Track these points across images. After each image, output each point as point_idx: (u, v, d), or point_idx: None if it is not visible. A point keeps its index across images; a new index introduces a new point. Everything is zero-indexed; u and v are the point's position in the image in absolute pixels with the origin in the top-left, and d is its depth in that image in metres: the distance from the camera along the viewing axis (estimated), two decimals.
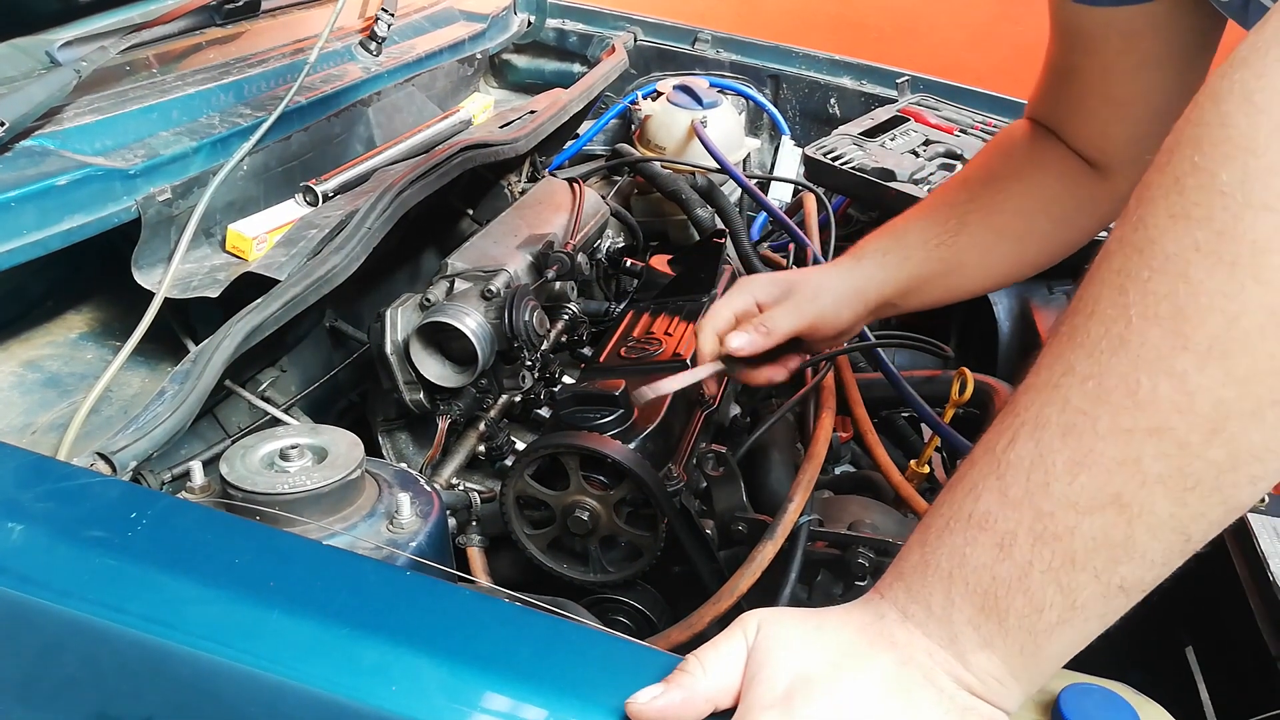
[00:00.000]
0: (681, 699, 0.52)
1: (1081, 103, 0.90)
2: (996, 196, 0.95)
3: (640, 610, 0.95)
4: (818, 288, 0.94)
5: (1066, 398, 0.47)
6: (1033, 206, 0.95)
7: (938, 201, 0.98)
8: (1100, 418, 0.45)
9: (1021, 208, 0.95)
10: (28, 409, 0.93)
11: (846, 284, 0.95)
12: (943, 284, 0.96)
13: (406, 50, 1.52)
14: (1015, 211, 0.95)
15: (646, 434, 0.93)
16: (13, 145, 0.95)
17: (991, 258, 0.96)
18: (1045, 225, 0.96)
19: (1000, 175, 0.96)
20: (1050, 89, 0.95)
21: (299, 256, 1.03)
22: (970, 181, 0.98)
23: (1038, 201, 0.95)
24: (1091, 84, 0.88)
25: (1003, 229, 0.95)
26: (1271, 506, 0.92)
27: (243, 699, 0.58)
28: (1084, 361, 0.47)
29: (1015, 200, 0.95)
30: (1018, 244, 0.97)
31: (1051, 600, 0.47)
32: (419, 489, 0.84)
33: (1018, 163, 0.96)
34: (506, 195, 1.48)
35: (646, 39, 1.97)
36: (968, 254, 0.95)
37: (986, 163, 0.99)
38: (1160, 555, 0.46)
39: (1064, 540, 0.46)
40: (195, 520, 0.69)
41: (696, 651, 0.55)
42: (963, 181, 0.99)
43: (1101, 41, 0.83)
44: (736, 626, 0.55)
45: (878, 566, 0.94)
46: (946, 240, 0.94)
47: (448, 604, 0.63)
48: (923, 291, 0.96)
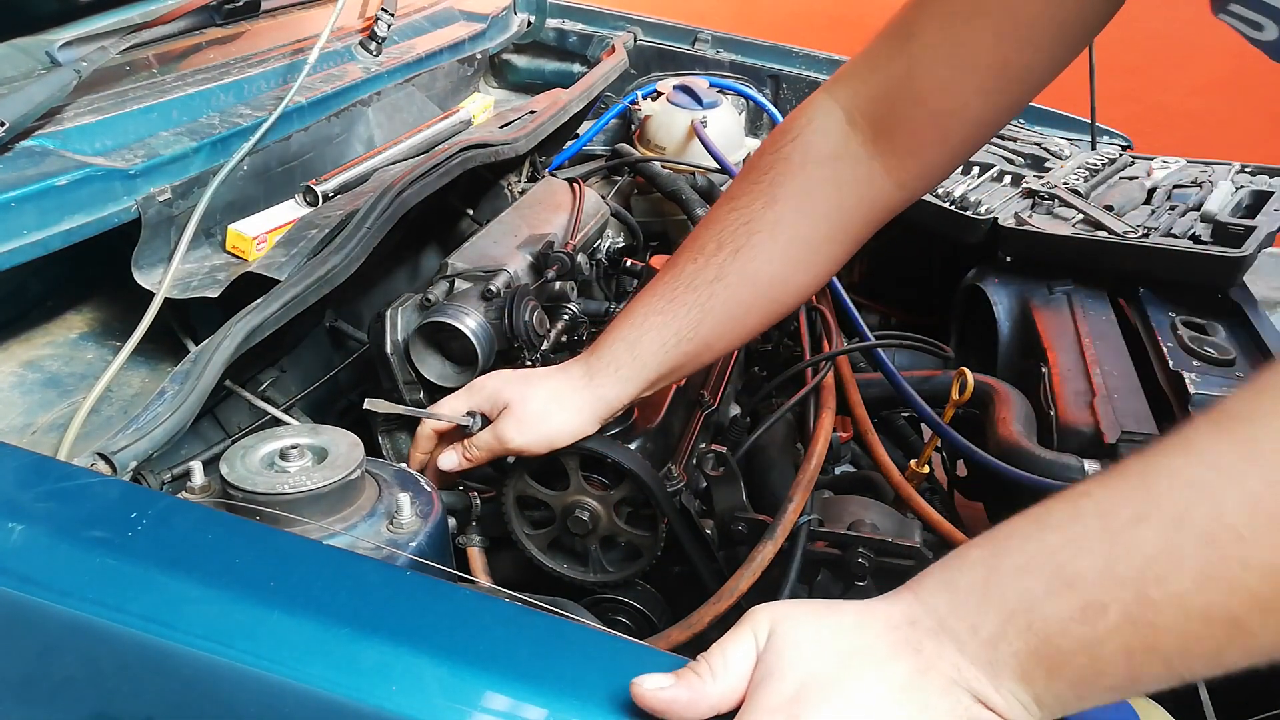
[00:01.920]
0: (687, 698, 0.52)
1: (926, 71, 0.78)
2: (749, 267, 0.83)
3: (640, 610, 0.95)
4: (543, 412, 0.87)
5: (1220, 507, 0.44)
6: (795, 254, 0.85)
7: (675, 291, 0.85)
8: (1256, 547, 0.43)
9: (779, 261, 0.84)
10: (28, 409, 0.93)
11: (579, 400, 0.87)
12: (691, 366, 0.88)
13: (406, 50, 1.52)
14: (769, 276, 0.85)
15: (646, 434, 0.93)
16: (13, 145, 0.95)
17: (747, 322, 0.88)
18: (806, 270, 0.86)
19: (750, 244, 0.83)
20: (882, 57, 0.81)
21: (299, 256, 1.03)
22: (720, 250, 0.84)
23: (801, 247, 0.84)
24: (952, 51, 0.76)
25: (754, 300, 0.86)
26: None
27: (243, 699, 0.58)
28: (1253, 475, 0.44)
29: (769, 260, 0.84)
30: (774, 300, 0.88)
31: (1115, 670, 0.46)
32: (419, 489, 0.84)
33: (772, 218, 0.83)
34: (506, 195, 1.48)
35: (646, 39, 1.97)
36: (715, 334, 0.86)
37: (732, 229, 0.84)
38: (1237, 665, 0.46)
39: (1157, 632, 0.45)
40: (195, 520, 0.69)
41: (706, 654, 0.54)
42: (713, 252, 0.84)
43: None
44: (746, 625, 0.55)
45: (878, 566, 0.94)
46: (688, 336, 0.85)
47: (448, 604, 0.63)
48: (668, 378, 0.89)
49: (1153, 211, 1.48)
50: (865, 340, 1.23)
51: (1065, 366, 1.21)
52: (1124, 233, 1.37)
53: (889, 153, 0.81)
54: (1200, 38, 3.38)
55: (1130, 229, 1.38)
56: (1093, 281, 1.40)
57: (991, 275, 1.46)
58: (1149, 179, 1.62)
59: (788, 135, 0.84)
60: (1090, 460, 1.03)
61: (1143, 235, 1.37)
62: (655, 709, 0.52)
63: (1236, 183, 1.55)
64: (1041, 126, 1.87)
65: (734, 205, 0.85)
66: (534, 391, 0.88)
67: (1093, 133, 1.80)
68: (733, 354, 1.23)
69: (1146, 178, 1.62)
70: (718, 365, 1.18)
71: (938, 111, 0.79)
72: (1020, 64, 0.76)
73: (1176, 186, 1.57)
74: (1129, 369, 1.20)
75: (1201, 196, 1.49)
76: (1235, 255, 1.30)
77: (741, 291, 0.84)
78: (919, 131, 0.80)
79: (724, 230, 0.84)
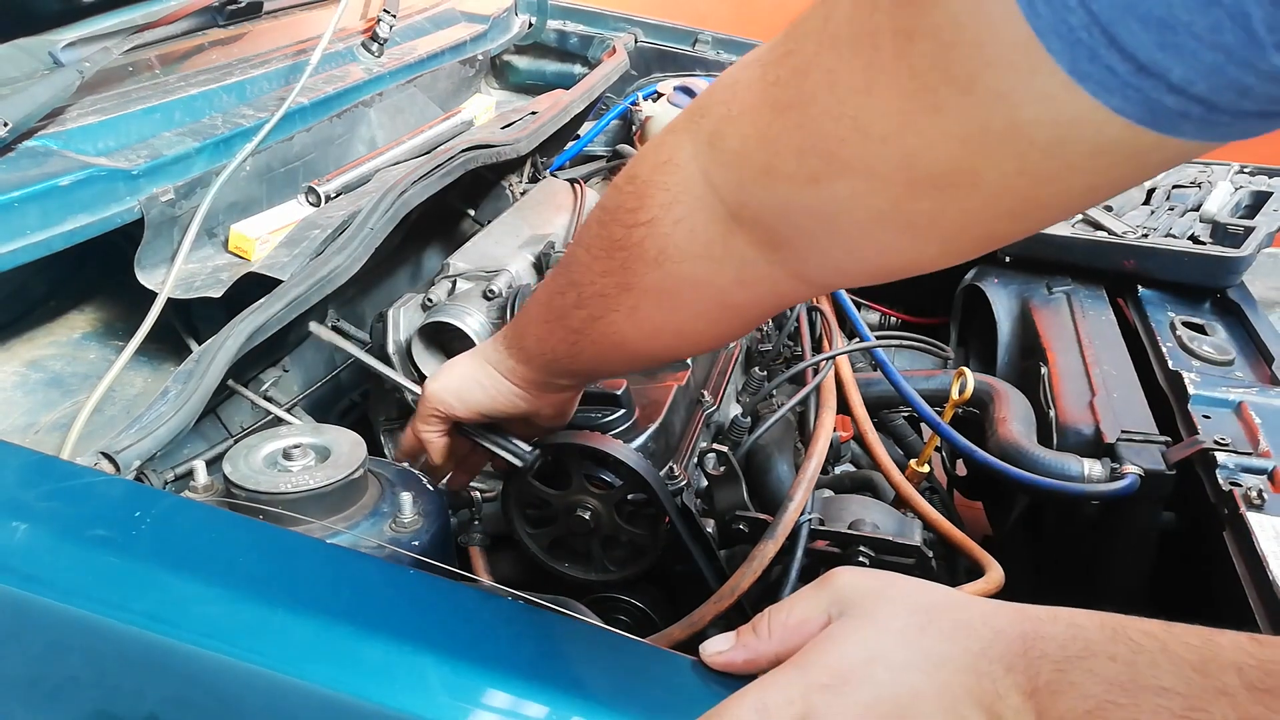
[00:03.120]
0: (744, 660, 0.54)
1: None
2: (612, 338, 0.71)
3: (642, 609, 0.96)
4: (451, 364, 0.85)
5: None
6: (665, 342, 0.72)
7: (548, 319, 0.75)
8: None
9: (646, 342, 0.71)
10: (31, 408, 0.93)
11: (483, 357, 0.83)
12: (591, 376, 0.83)
13: (408, 51, 1.52)
14: (637, 351, 0.73)
15: (648, 433, 0.94)
16: (16, 145, 0.95)
17: (630, 368, 0.83)
18: (681, 351, 0.80)
19: (608, 319, 0.69)
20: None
21: (301, 257, 1.03)
22: (581, 308, 0.71)
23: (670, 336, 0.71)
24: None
25: (628, 359, 0.76)
26: (1272, 506, 0.92)
27: (246, 697, 0.59)
28: None
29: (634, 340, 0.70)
30: (652, 362, 0.81)
31: None
32: (421, 488, 0.84)
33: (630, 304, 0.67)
34: (508, 196, 1.48)
35: (647, 40, 1.97)
36: (594, 371, 0.81)
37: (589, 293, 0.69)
38: None
39: None
40: (198, 519, 0.70)
41: (770, 610, 0.55)
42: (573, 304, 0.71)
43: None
44: (824, 592, 0.54)
45: (878, 565, 0.94)
46: (565, 364, 0.77)
47: (450, 602, 0.63)
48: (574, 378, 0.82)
49: (1152, 212, 1.49)
50: (865, 340, 1.23)
51: (1065, 366, 1.22)
52: (1123, 233, 1.37)
53: (787, 251, 0.58)
54: None
55: (1129, 229, 1.38)
56: (1092, 281, 1.40)
57: (991, 275, 1.46)
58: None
59: (638, 213, 0.63)
60: (1090, 460, 1.04)
61: (1142, 235, 1.37)
62: (718, 669, 0.55)
63: (1235, 183, 1.56)
64: None
65: (589, 264, 0.68)
66: (464, 353, 0.87)
67: None
68: (733, 353, 1.23)
69: None
70: (719, 364, 1.18)
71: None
72: None
73: (1175, 187, 1.58)
74: (1128, 369, 1.20)
75: (1200, 197, 1.50)
76: (1234, 255, 1.30)
77: (608, 353, 0.73)
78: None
79: (581, 288, 0.70)
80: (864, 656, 0.50)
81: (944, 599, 0.53)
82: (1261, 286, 1.53)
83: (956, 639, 0.50)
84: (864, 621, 0.52)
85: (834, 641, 0.52)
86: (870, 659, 0.50)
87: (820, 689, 0.50)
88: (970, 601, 0.52)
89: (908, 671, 0.49)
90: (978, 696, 0.48)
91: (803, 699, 0.50)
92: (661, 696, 0.58)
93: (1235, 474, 0.96)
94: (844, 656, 0.51)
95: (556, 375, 0.80)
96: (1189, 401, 1.08)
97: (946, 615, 0.51)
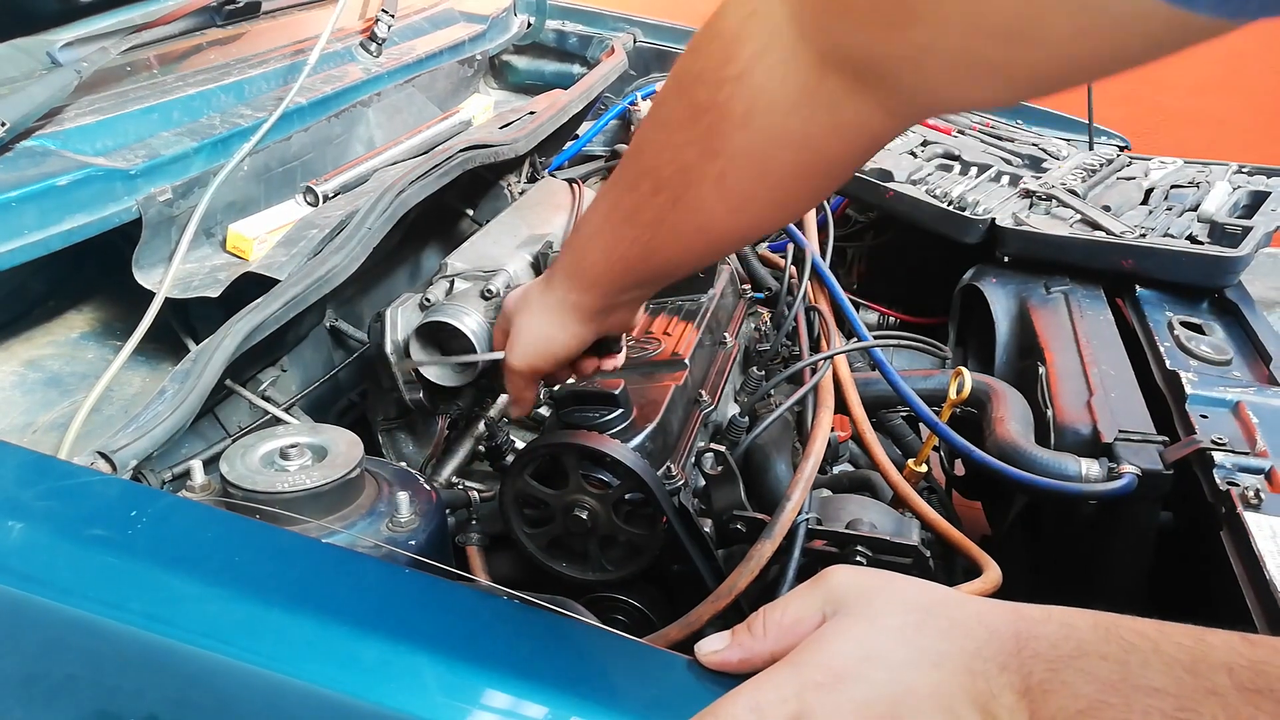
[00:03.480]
0: (739, 659, 0.54)
1: None
2: (694, 219, 0.69)
3: (639, 608, 0.96)
4: (523, 328, 0.84)
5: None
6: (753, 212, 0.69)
7: (613, 220, 0.74)
8: None
9: (732, 216, 0.69)
10: (29, 408, 0.93)
11: (545, 302, 0.82)
12: (653, 284, 0.80)
13: (406, 51, 1.52)
14: (721, 229, 0.70)
15: (646, 433, 0.94)
16: (14, 145, 0.95)
17: (705, 257, 0.77)
18: (768, 222, 0.74)
19: (691, 195, 0.67)
20: None
21: (299, 256, 1.03)
22: (658, 194, 0.69)
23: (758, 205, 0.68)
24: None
25: (707, 244, 0.73)
26: (1269, 506, 0.92)
27: (243, 697, 0.59)
28: None
29: (719, 215, 0.68)
30: (734, 244, 0.77)
31: None
32: (418, 488, 0.84)
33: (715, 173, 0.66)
34: (506, 195, 1.48)
35: (646, 40, 1.98)
36: (666, 270, 0.77)
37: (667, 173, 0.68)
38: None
39: None
40: (195, 519, 0.70)
41: (765, 609, 0.55)
42: (649, 192, 0.69)
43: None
44: (819, 591, 0.54)
45: (875, 565, 0.94)
46: (636, 266, 0.75)
47: (447, 602, 0.63)
48: (633, 292, 0.80)
49: (1150, 212, 1.49)
50: (863, 340, 1.23)
51: (1063, 366, 1.22)
52: (1121, 233, 1.38)
53: (879, 87, 0.58)
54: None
55: (1127, 229, 1.38)
56: (1090, 281, 1.40)
57: (989, 275, 1.46)
58: (1146, 179, 1.62)
59: (726, 68, 0.62)
60: (1088, 460, 1.04)
61: (1140, 235, 1.37)
62: (714, 668, 0.55)
63: (1233, 183, 1.56)
64: (1039, 127, 1.87)
65: (665, 140, 0.67)
66: (519, 310, 0.86)
67: (1090, 133, 1.81)
68: (731, 353, 1.23)
69: (1144, 178, 1.63)
70: (717, 364, 1.18)
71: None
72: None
73: (1174, 187, 1.58)
74: (1126, 368, 1.20)
75: (1199, 197, 1.50)
76: (1232, 255, 1.30)
77: (690, 239, 0.71)
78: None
79: (658, 170, 0.68)
80: (859, 655, 0.50)
81: (939, 598, 0.53)
82: (1260, 286, 1.53)
83: (951, 638, 0.50)
84: (859, 620, 0.52)
85: (829, 640, 0.52)
86: (865, 657, 0.50)
87: (815, 687, 0.50)
88: (964, 600, 0.52)
89: (903, 670, 0.49)
90: (972, 695, 0.48)
91: (797, 697, 0.50)
92: (658, 696, 0.58)
93: (1232, 474, 0.96)
94: (839, 655, 0.51)
95: (623, 291, 0.79)
96: (1186, 401, 1.08)
97: (941, 614, 0.51)
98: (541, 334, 0.83)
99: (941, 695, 0.49)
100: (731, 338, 1.25)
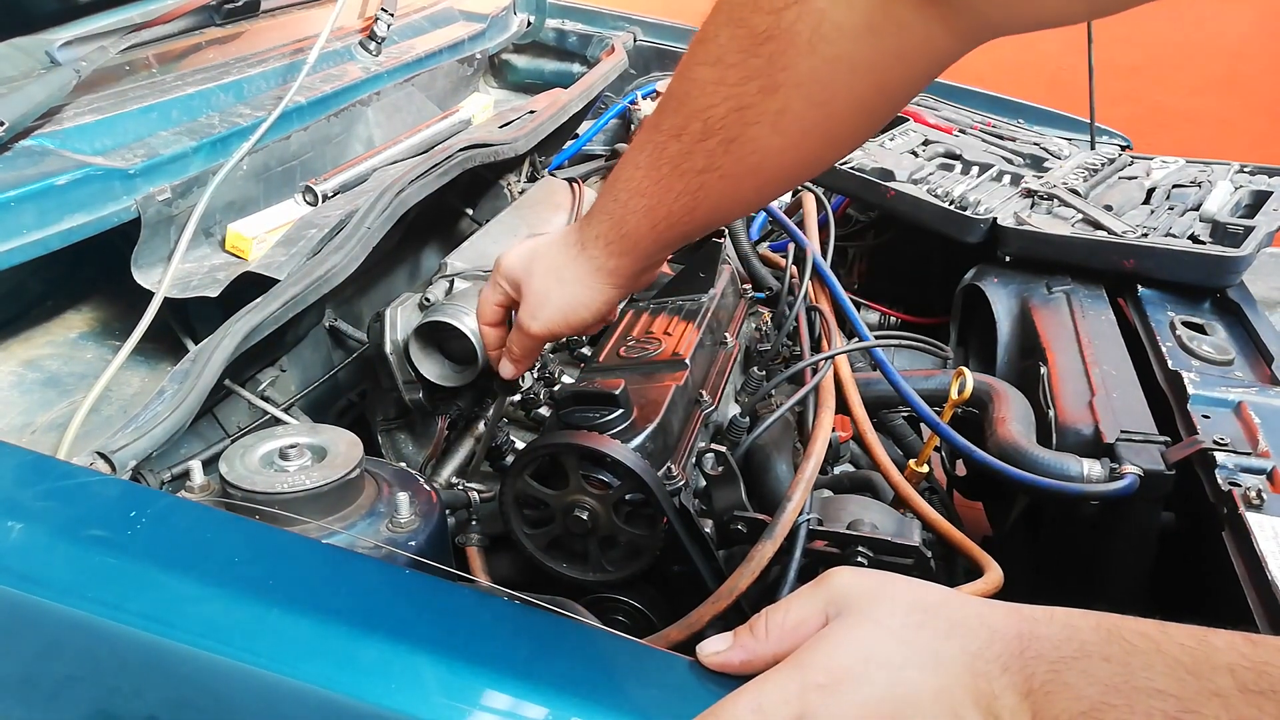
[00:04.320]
0: (741, 660, 0.54)
1: None
2: (748, 160, 0.68)
3: (639, 609, 0.95)
4: (545, 292, 0.83)
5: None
6: (810, 148, 0.68)
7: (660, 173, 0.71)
8: None
9: (788, 154, 0.67)
10: (27, 408, 0.93)
11: (576, 270, 0.81)
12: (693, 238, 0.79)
13: (406, 50, 1.52)
14: (775, 169, 0.69)
15: (646, 433, 0.93)
16: (12, 145, 0.95)
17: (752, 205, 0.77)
18: (825, 159, 0.72)
19: (746, 136, 0.66)
20: None
21: (298, 256, 1.03)
22: (709, 137, 0.67)
23: (818, 140, 0.67)
24: None
25: (758, 188, 0.72)
26: (1271, 506, 0.92)
27: (242, 697, 0.58)
28: None
29: (774, 154, 0.67)
30: (784, 185, 0.74)
31: None
32: (418, 488, 0.84)
33: (776, 108, 0.64)
34: (506, 195, 1.48)
35: (646, 39, 1.97)
36: (712, 219, 0.75)
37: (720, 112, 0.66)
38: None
39: None
40: (195, 519, 0.69)
41: (767, 611, 0.55)
42: (698, 135, 0.68)
43: None
44: (820, 592, 0.54)
45: (877, 566, 0.94)
46: (681, 219, 0.73)
47: (447, 603, 0.63)
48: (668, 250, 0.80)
49: (1152, 211, 1.48)
50: (864, 340, 1.23)
51: (1064, 366, 1.21)
52: (1123, 232, 1.37)
53: (948, 5, 0.59)
54: (1200, 38, 3.38)
55: (1129, 229, 1.38)
56: (1092, 281, 1.40)
57: (991, 275, 1.46)
58: (1148, 179, 1.62)
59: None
60: (1089, 460, 1.03)
61: (1142, 235, 1.37)
62: (715, 670, 0.55)
63: (1235, 182, 1.55)
64: (1041, 126, 1.87)
65: (719, 79, 0.65)
66: (535, 272, 0.84)
67: (1092, 132, 1.80)
68: (732, 353, 1.23)
69: (1145, 177, 1.63)
70: (717, 364, 1.18)
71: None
72: None
73: (1175, 186, 1.57)
74: (1128, 369, 1.20)
75: (1200, 196, 1.49)
76: (1234, 255, 1.30)
77: (741, 183, 0.70)
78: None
79: (710, 111, 0.66)
80: (861, 656, 0.50)
81: (940, 598, 0.53)
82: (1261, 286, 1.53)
83: (953, 638, 0.50)
84: (861, 621, 0.52)
85: (831, 641, 0.51)
86: (867, 658, 0.50)
87: (817, 688, 0.49)
88: (966, 601, 0.52)
89: (905, 671, 0.49)
90: (975, 696, 0.48)
91: (799, 698, 0.49)
92: (658, 697, 0.57)
93: (1234, 474, 0.96)
94: (841, 656, 0.50)
95: (662, 250, 0.78)
96: (1188, 401, 1.08)
97: (943, 615, 0.51)
98: (573, 300, 0.82)
99: (944, 696, 0.48)
100: (732, 338, 1.24)
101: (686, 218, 0.72)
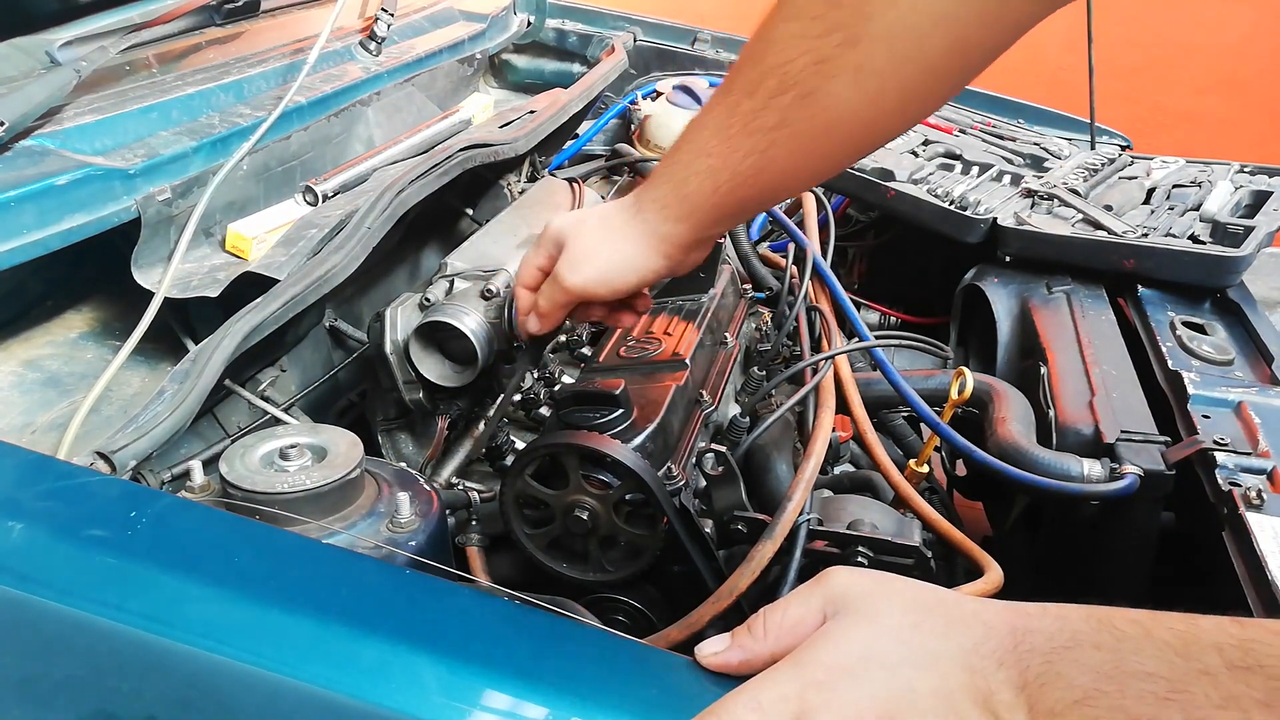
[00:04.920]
0: (739, 660, 0.54)
1: None
2: (824, 116, 0.67)
3: (640, 609, 0.95)
4: (592, 248, 0.81)
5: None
6: (889, 105, 0.68)
7: (729, 132, 0.71)
8: None
9: (867, 110, 0.67)
10: (28, 408, 0.93)
11: (630, 231, 0.80)
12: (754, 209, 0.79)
13: (406, 50, 1.52)
14: (852, 128, 0.69)
15: (646, 433, 0.93)
16: (12, 145, 0.95)
17: (821, 170, 0.75)
18: (905, 117, 0.72)
19: (824, 90, 0.66)
20: None
21: (299, 256, 1.03)
22: (784, 93, 0.67)
23: (898, 96, 0.67)
24: None
25: (829, 150, 0.71)
26: (1271, 506, 0.92)
27: (242, 697, 0.58)
28: None
29: (853, 111, 0.67)
30: (858, 147, 0.74)
31: None
32: (418, 488, 0.84)
33: (856, 61, 0.65)
34: (506, 195, 1.48)
35: (646, 39, 1.97)
36: (780, 183, 0.74)
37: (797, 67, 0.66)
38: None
39: None
40: (195, 519, 0.69)
41: (765, 610, 0.55)
42: (773, 92, 0.68)
43: None
44: (818, 591, 0.54)
45: (877, 566, 0.94)
46: (747, 181, 0.72)
47: (447, 603, 0.63)
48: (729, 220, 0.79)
49: (1152, 211, 1.48)
50: (864, 340, 1.23)
51: (1064, 366, 1.21)
52: (1123, 232, 1.37)
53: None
54: (1200, 38, 3.38)
55: (1129, 229, 1.38)
56: (1092, 281, 1.40)
57: (991, 275, 1.46)
58: (1148, 179, 1.62)
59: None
60: (1089, 460, 1.03)
61: (1142, 235, 1.37)
62: (714, 670, 0.55)
63: (1235, 182, 1.55)
64: (1041, 126, 1.87)
65: (801, 32, 0.65)
66: (584, 227, 0.83)
67: (1092, 133, 1.80)
68: (732, 353, 1.23)
69: (1145, 178, 1.63)
70: (717, 364, 1.18)
71: None
72: None
73: (1175, 186, 1.57)
74: (1128, 369, 1.20)
75: (1200, 196, 1.49)
76: (1234, 255, 1.30)
77: (813, 143, 0.69)
78: None
79: (786, 66, 0.66)
80: (859, 654, 0.50)
81: (937, 598, 0.53)
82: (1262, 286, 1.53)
83: (950, 636, 0.50)
84: (859, 620, 0.52)
85: (829, 640, 0.52)
86: (865, 657, 0.50)
87: (816, 687, 0.50)
88: (962, 599, 0.53)
89: (903, 669, 0.50)
90: (972, 692, 0.48)
91: (798, 697, 0.50)
92: (658, 697, 0.57)
93: (1235, 474, 0.96)
94: (839, 654, 0.51)
95: (720, 222, 0.77)
96: (1189, 401, 1.08)
97: (940, 613, 0.52)
98: (620, 260, 0.80)
99: (941, 693, 0.49)
100: (732, 338, 1.24)
101: (752, 180, 0.72)
